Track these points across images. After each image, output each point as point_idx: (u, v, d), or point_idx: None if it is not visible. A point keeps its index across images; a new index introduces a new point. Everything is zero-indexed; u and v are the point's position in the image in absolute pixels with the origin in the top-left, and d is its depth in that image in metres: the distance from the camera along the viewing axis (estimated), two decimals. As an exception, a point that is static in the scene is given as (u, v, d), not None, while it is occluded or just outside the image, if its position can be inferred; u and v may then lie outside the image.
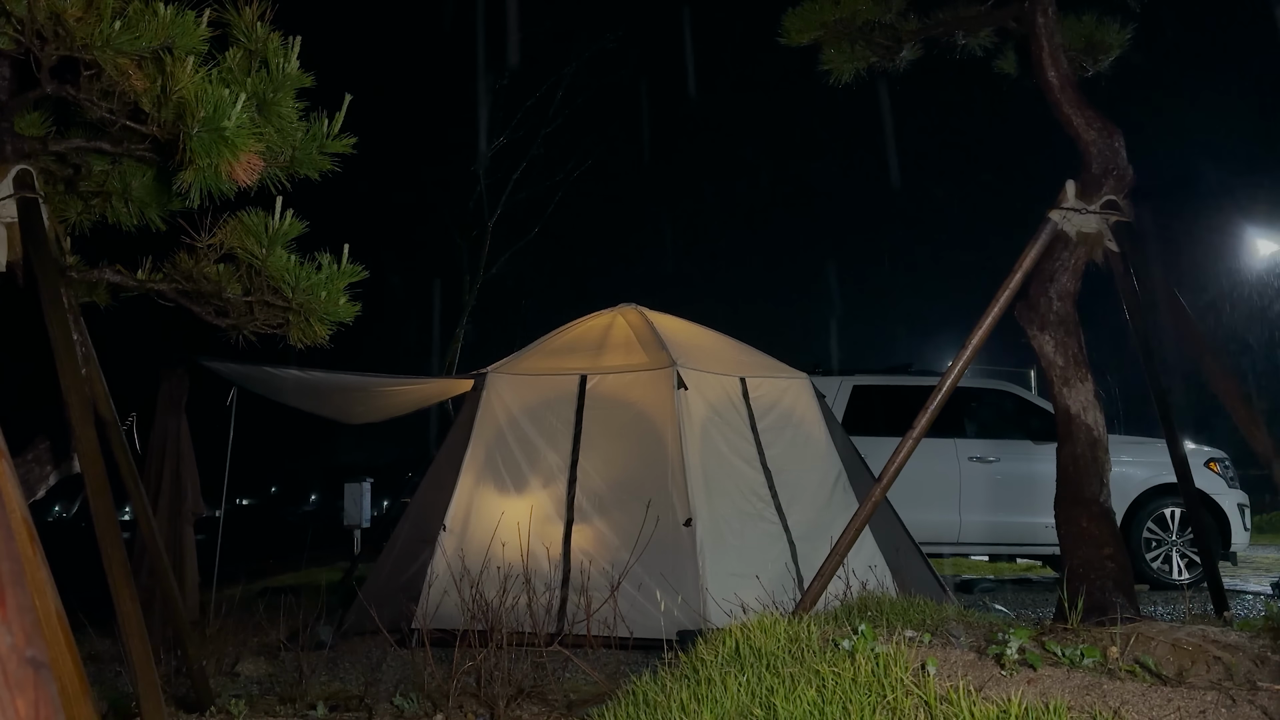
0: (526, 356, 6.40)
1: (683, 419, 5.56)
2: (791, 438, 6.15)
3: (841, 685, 2.47)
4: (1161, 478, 7.66)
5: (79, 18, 2.81)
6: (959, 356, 3.79)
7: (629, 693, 2.86)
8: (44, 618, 1.22)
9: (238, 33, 3.17)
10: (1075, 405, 3.87)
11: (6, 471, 1.06)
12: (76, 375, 2.98)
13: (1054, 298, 3.93)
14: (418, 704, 3.63)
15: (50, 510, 22.70)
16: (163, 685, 3.27)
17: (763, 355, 6.66)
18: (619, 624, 4.55)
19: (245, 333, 3.56)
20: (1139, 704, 2.19)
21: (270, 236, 3.30)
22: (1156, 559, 7.78)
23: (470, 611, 4.09)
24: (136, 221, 3.69)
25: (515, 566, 4.99)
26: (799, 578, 5.45)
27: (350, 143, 3.37)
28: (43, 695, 0.90)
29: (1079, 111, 3.94)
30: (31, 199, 3.14)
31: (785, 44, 4.53)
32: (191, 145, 2.88)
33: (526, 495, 5.74)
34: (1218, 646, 2.50)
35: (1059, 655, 2.52)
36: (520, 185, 16.36)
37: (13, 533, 0.96)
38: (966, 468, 7.98)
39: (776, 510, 5.76)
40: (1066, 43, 4.17)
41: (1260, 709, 2.11)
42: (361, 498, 9.85)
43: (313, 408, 6.97)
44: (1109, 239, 3.93)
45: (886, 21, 4.43)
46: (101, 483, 2.86)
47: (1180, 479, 4.27)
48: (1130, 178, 3.91)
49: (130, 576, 2.88)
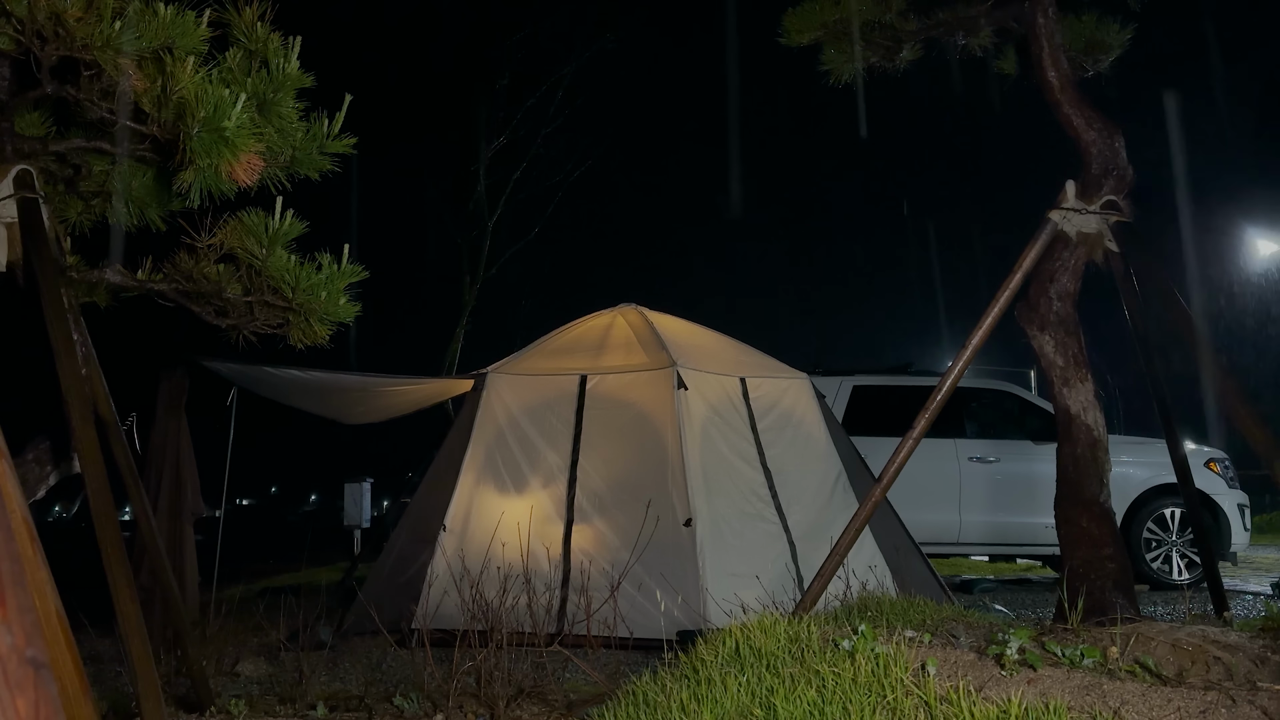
0: (526, 356, 6.40)
1: (683, 419, 5.56)
2: (791, 438, 6.15)
3: (841, 685, 2.47)
4: (1161, 478, 7.66)
5: (79, 18, 2.81)
6: (959, 356, 3.79)
7: (629, 693, 2.86)
8: (44, 618, 1.22)
9: (238, 33, 3.17)
10: (1075, 405, 3.87)
11: (6, 471, 1.06)
12: (76, 375, 2.98)
13: (1054, 298, 3.93)
14: (418, 704, 3.63)
15: (50, 510, 22.70)
16: (163, 685, 3.27)
17: (763, 355, 6.66)
18: (619, 624, 4.55)
19: (245, 333, 3.56)
20: (1139, 704, 2.19)
21: (270, 237, 3.30)
22: (1156, 559, 7.78)
23: (470, 611, 4.09)
24: (136, 221, 3.69)
25: (515, 566, 4.99)
26: (799, 578, 5.45)
27: (350, 143, 3.37)
28: (43, 695, 0.90)
29: (1079, 111, 3.94)
30: (32, 199, 3.14)
31: (785, 44, 4.53)
32: (191, 145, 2.88)
33: (526, 495, 5.74)
34: (1218, 646, 2.50)
35: (1059, 655, 2.52)
36: (520, 185, 16.37)
37: (13, 533, 0.96)
38: (966, 468, 7.98)
39: (776, 510, 5.76)
40: (1066, 43, 4.16)
41: (1260, 709, 2.11)
42: (361, 498, 9.87)
43: (313, 408, 6.97)
44: (1109, 239, 3.93)
45: (886, 21, 4.42)
46: (101, 483, 2.86)
47: (1180, 479, 4.27)
48: (1130, 178, 3.91)
49: (130, 576, 2.88)
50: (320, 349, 3.59)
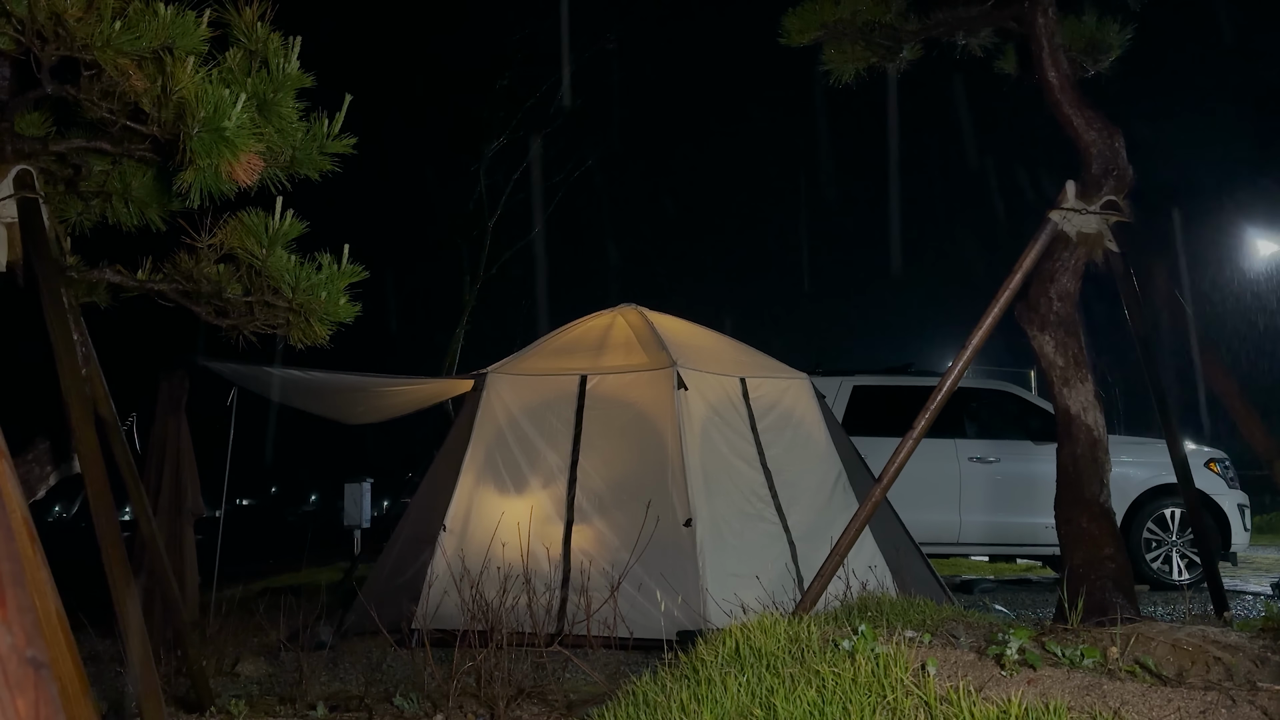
0: (526, 357, 6.40)
1: (683, 419, 5.56)
2: (791, 438, 6.15)
3: (841, 685, 2.47)
4: (1161, 478, 7.66)
5: (79, 18, 2.81)
6: (959, 357, 3.79)
7: (629, 693, 2.86)
8: (44, 618, 1.22)
9: (238, 33, 3.17)
10: (1075, 406, 3.87)
11: (6, 471, 1.06)
12: (76, 375, 2.98)
13: (1054, 298, 3.93)
14: (418, 704, 3.63)
15: (50, 510, 22.70)
16: (163, 685, 3.27)
17: (763, 355, 6.66)
18: (619, 624, 4.55)
19: (245, 333, 3.56)
20: (1139, 704, 2.19)
21: (270, 237, 3.30)
22: (1156, 559, 7.78)
23: (470, 612, 4.09)
24: (136, 221, 3.69)
25: (515, 567, 4.99)
26: (799, 578, 5.45)
27: (350, 143, 3.37)
28: (43, 695, 0.90)
29: (1079, 112, 3.94)
30: (32, 199, 3.14)
31: (785, 44, 4.53)
32: (192, 145, 2.87)
33: (526, 495, 5.74)
34: (1218, 647, 2.50)
35: (1059, 655, 2.52)
36: (520, 185, 16.36)
37: (13, 533, 0.96)
38: (967, 468, 7.98)
39: (776, 510, 5.76)
40: (1066, 43, 4.17)
41: (1260, 709, 2.11)
42: (361, 498, 9.86)
43: (313, 408, 6.97)
44: (1109, 239, 3.93)
45: (886, 21, 4.42)
46: (101, 483, 2.86)
47: (1180, 479, 4.27)
48: (1130, 178, 3.91)
49: (130, 576, 2.88)
50: (320, 349, 3.59)
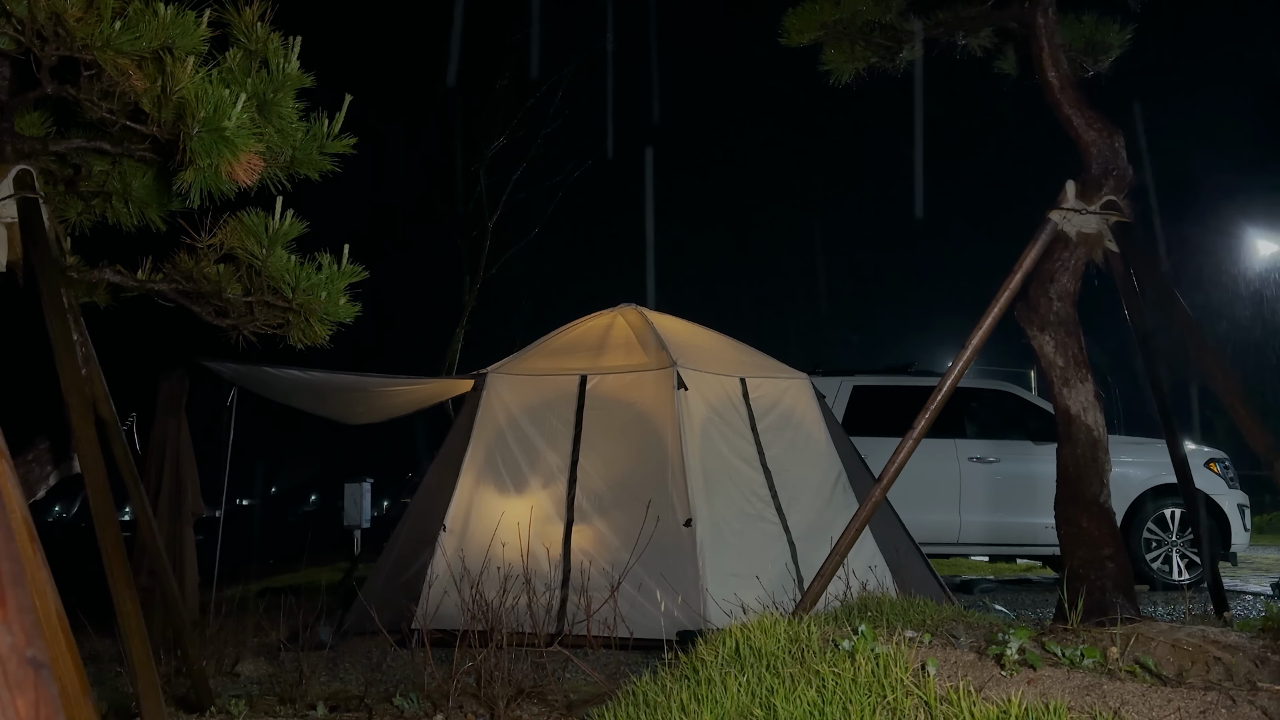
0: (526, 357, 6.40)
1: (683, 419, 5.56)
2: (791, 438, 6.15)
3: (841, 685, 2.47)
4: (1161, 478, 7.66)
5: (79, 18, 2.81)
6: (959, 357, 3.79)
7: (629, 693, 2.86)
8: (44, 618, 1.22)
9: (238, 33, 3.17)
10: (1075, 406, 3.87)
11: (6, 471, 1.06)
12: (76, 375, 2.98)
13: (1054, 298, 3.93)
14: (418, 704, 3.63)
15: (50, 510, 22.68)
16: (163, 685, 3.27)
17: (763, 355, 6.66)
18: (619, 624, 4.55)
19: (245, 333, 3.56)
20: (1139, 704, 2.19)
21: (270, 237, 3.30)
22: (1157, 559, 7.78)
23: (470, 612, 4.09)
24: (136, 221, 3.69)
25: (515, 567, 4.99)
26: (799, 578, 5.45)
27: (350, 143, 3.37)
28: (43, 695, 0.90)
29: (1079, 112, 3.94)
30: (32, 199, 3.14)
31: (785, 44, 4.53)
32: (191, 145, 2.87)
33: (526, 495, 5.74)
34: (1218, 647, 2.50)
35: (1059, 655, 2.52)
36: (520, 185, 16.35)
37: (13, 533, 0.96)
38: (967, 468, 7.98)
39: (776, 511, 5.76)
40: (1066, 43, 4.17)
41: (1260, 709, 2.11)
42: (361, 498, 9.85)
43: (313, 408, 6.98)
44: (1109, 239, 3.93)
45: (886, 22, 4.42)
46: (101, 483, 2.86)
47: (1180, 480, 4.27)
48: (1130, 178, 3.91)
49: (130, 576, 2.88)
50: (320, 349, 3.59)
